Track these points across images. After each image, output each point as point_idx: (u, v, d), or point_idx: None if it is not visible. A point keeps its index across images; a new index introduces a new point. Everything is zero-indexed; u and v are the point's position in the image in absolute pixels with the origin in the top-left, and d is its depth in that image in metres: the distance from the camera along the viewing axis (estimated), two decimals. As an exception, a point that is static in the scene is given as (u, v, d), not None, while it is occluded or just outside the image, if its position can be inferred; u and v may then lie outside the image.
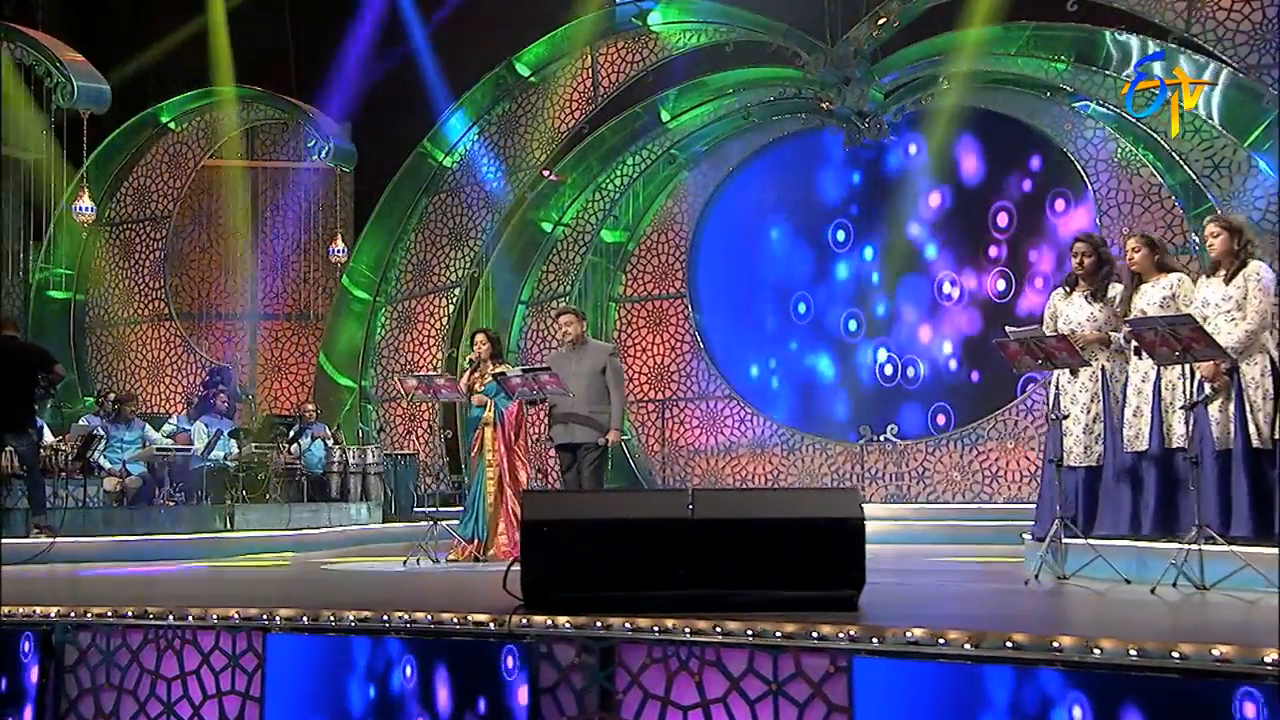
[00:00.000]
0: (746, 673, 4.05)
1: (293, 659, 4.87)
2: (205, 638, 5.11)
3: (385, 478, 14.47)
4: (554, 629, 4.42)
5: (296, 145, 17.39)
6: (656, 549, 4.59)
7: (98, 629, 5.31)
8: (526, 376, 8.55)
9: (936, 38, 14.20)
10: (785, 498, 4.90)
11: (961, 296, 14.96)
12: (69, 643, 5.34)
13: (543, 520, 4.61)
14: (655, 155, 16.18)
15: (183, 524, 11.77)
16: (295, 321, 17.90)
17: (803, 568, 4.51)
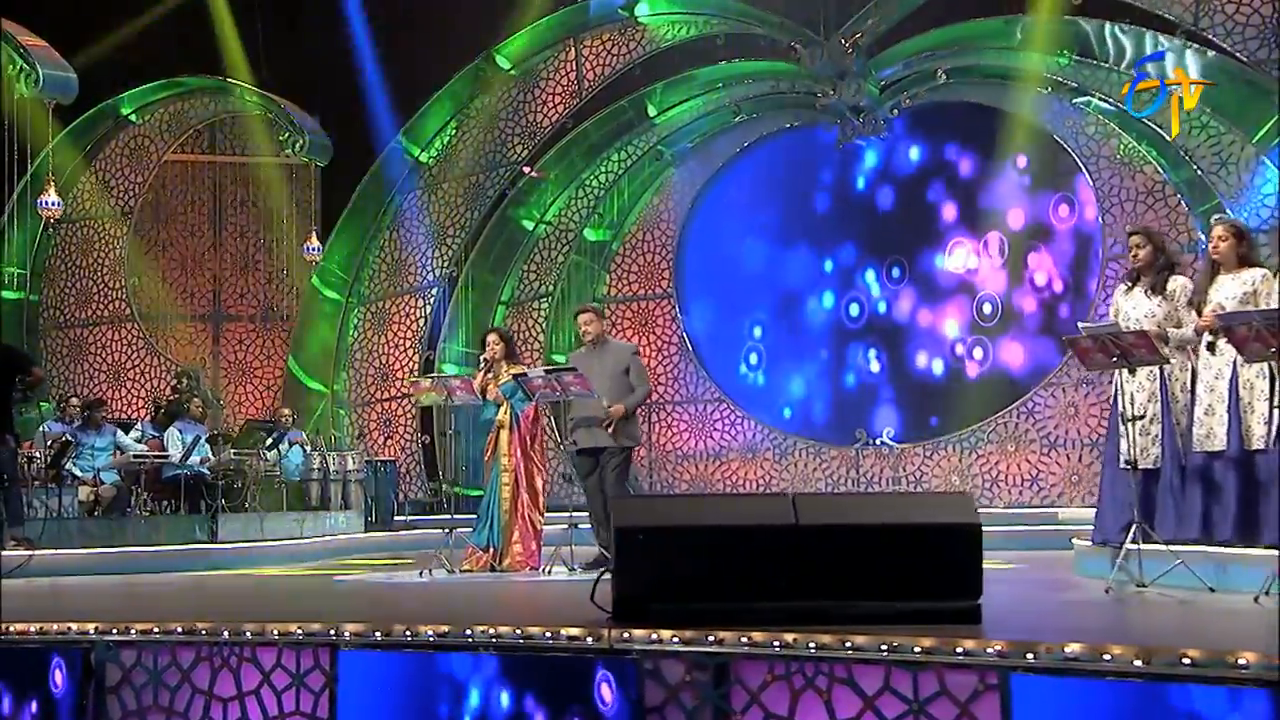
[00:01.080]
0: (883, 691, 3.87)
1: (365, 677, 4.64)
2: (266, 655, 4.87)
3: (366, 485, 14.17)
4: (661, 644, 4.22)
5: (261, 139, 17.05)
6: (759, 558, 4.41)
7: (143, 646, 5.05)
8: (549, 378, 8.34)
9: (934, 31, 14.16)
10: (893, 502, 4.74)
11: (958, 295, 14.90)
12: (110, 661, 5.08)
13: (638, 527, 4.42)
14: (641, 151, 16.03)
15: (163, 535, 11.43)
16: (260, 323, 17.56)
17: (917, 577, 4.35)
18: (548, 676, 4.29)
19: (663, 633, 4.24)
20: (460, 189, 16.49)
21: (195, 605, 6.96)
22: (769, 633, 4.09)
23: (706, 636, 4.15)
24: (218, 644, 4.95)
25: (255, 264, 17.57)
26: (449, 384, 8.79)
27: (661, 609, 4.33)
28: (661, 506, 4.84)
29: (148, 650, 5.05)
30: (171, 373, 15.59)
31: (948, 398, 14.86)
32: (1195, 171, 13.22)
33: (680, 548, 4.44)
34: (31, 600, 7.07)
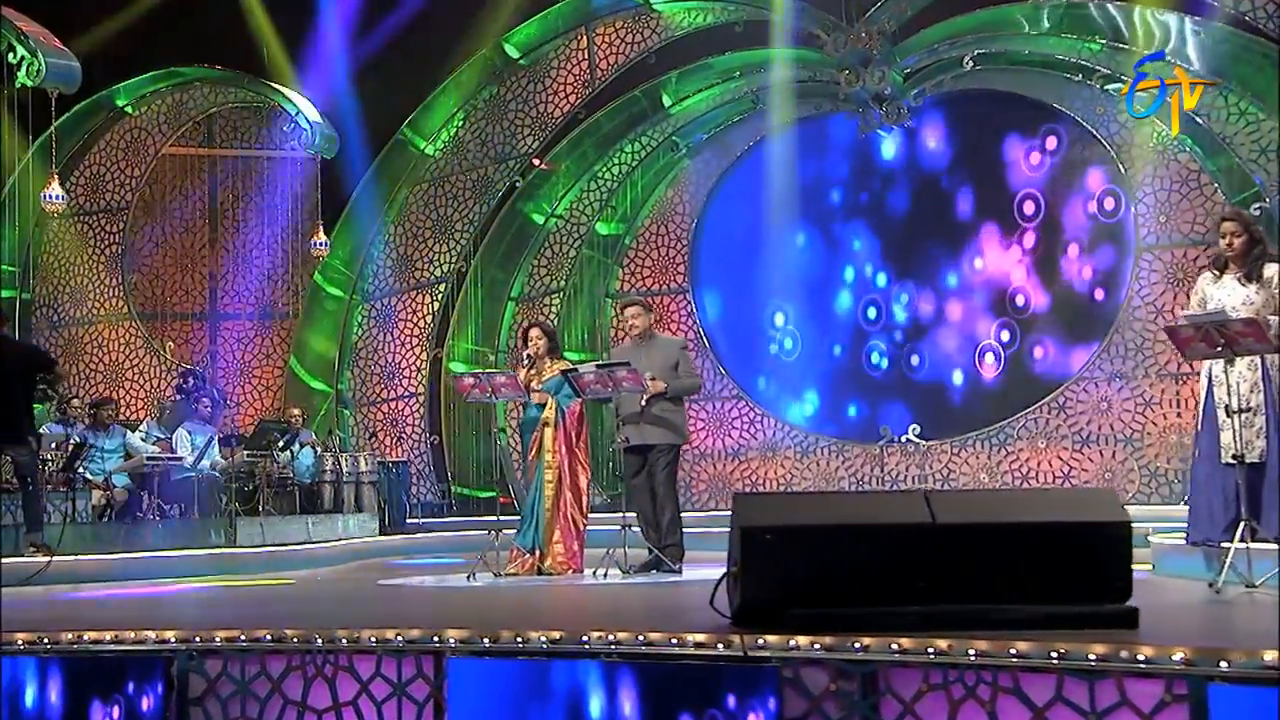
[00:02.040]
0: (1054, 701, 3.70)
1: (473, 686, 4.49)
2: (363, 663, 4.71)
3: (379, 487, 14.00)
4: (800, 651, 4.07)
5: (260, 132, 16.85)
6: (895, 559, 4.26)
7: (229, 655, 4.88)
8: (601, 373, 8.20)
9: (960, 17, 14.07)
10: (1033, 499, 4.58)
11: (985, 289, 14.81)
12: (193, 671, 4.91)
13: (765, 527, 4.27)
14: (655, 142, 15.89)
15: (180, 540, 11.23)
16: (259, 321, 17.31)
17: (1064, 579, 4.21)
18: (678, 685, 4.14)
19: (800, 639, 4.09)
20: (468, 182, 16.33)
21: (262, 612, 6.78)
22: (918, 638, 3.94)
23: (852, 643, 3.99)
24: (311, 652, 4.79)
25: (253, 261, 17.35)
26: (493, 381, 8.61)
27: (799, 614, 4.18)
28: (787, 504, 4.67)
29: (234, 659, 4.88)
30: (176, 372, 15.36)
31: (975, 393, 14.77)
32: (1234, 160, 13.17)
33: (812, 548, 4.28)
34: (102, 609, 6.90)
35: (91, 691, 4.96)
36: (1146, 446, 13.76)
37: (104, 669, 4.98)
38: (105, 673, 4.97)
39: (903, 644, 3.93)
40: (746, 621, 4.38)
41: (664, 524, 8.43)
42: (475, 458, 16.24)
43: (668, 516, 8.43)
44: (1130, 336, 13.85)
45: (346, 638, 4.76)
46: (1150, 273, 13.81)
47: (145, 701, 4.89)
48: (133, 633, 5.08)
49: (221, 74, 16.16)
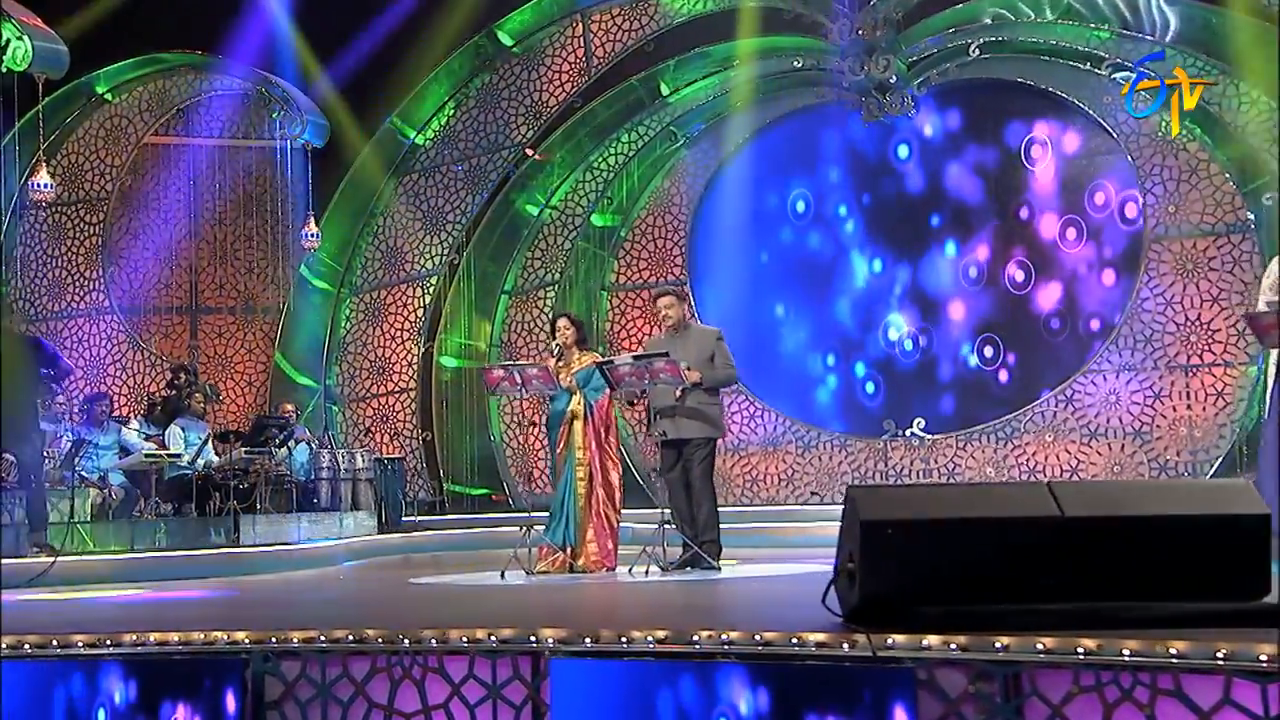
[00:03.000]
0: (1222, 704, 3.58)
1: (574, 688, 4.35)
2: (454, 665, 4.57)
3: (376, 484, 13.81)
4: (935, 651, 3.94)
5: (243, 120, 16.58)
6: (1023, 554, 4.14)
7: (309, 657, 4.72)
8: (638, 365, 8.06)
9: (966, 4, 14.04)
10: (1163, 492, 4.45)
11: (990, 279, 14.78)
12: (270, 674, 4.75)
13: (886, 521, 4.15)
14: (653, 132, 15.75)
15: (182, 539, 11.02)
16: (240, 315, 17.05)
17: (1197, 575, 4.11)
18: (803, 687, 4.01)
19: (931, 638, 3.97)
20: (460, 172, 16.14)
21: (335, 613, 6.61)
22: (1064, 637, 3.82)
23: (992, 643, 3.87)
24: (398, 653, 4.63)
25: (234, 253, 17.09)
26: (525, 373, 8.45)
27: (930, 612, 4.06)
28: (907, 497, 4.54)
29: (313, 661, 4.72)
30: (166, 367, 15.09)
31: (981, 386, 14.74)
32: (1246, 148, 13.20)
33: (935, 544, 4.16)
34: (158, 610, 6.71)
35: (161, 696, 4.79)
36: (1156, 439, 13.77)
37: (175, 672, 4.81)
38: (176, 676, 4.81)
39: (1047, 643, 3.80)
40: (864, 620, 4.25)
41: (701, 520, 8.30)
42: (469, 455, 16.06)
43: (705, 512, 8.31)
44: (1139, 328, 13.86)
45: (435, 638, 4.61)
46: (1159, 264, 13.81)
47: (219, 706, 4.72)
48: (201, 634, 4.91)
49: (206, 60, 15.88)
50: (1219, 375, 13.58)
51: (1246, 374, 13.46)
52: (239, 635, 4.87)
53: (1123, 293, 14.10)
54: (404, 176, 16.38)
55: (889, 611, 4.20)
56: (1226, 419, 13.50)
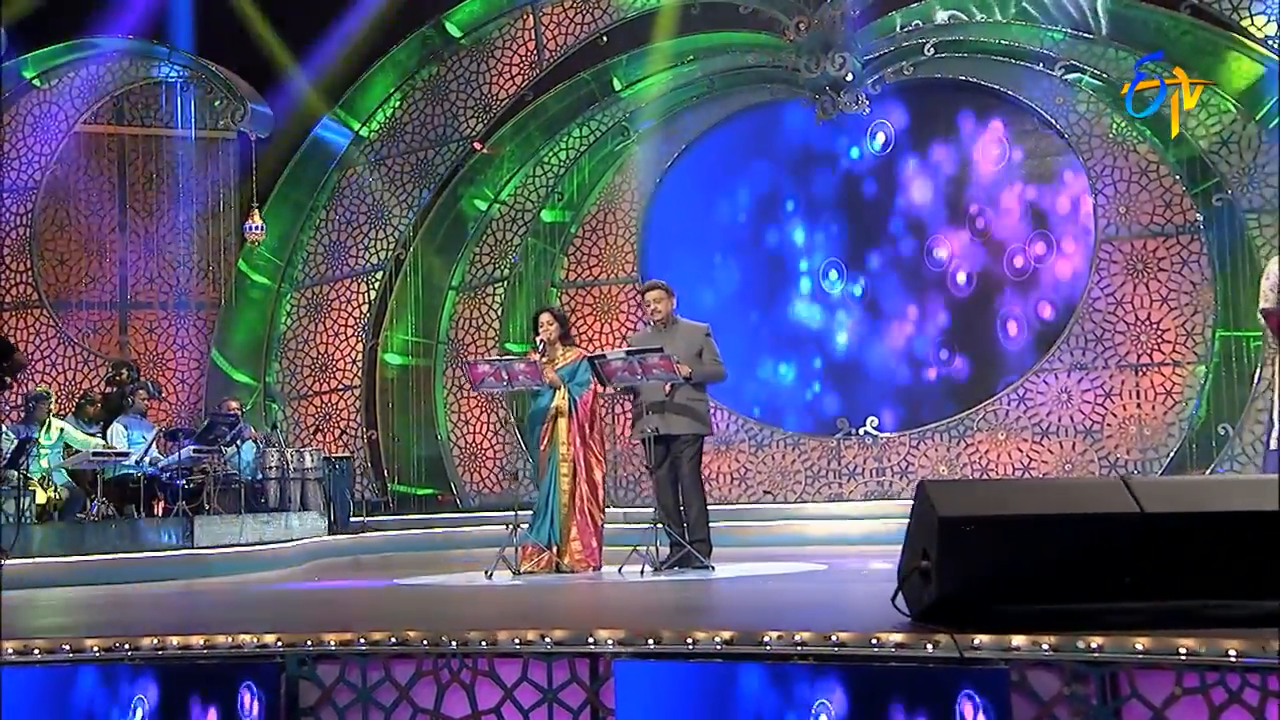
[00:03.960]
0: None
1: (641, 691, 4.20)
2: (506, 667, 4.40)
3: (325, 484, 13.50)
4: (1025, 651, 3.84)
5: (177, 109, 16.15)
6: (1100, 551, 4.07)
7: (348, 660, 4.53)
8: (631, 360, 7.93)
9: (921, 4, 14.07)
10: (1244, 487, 4.39)
11: (941, 279, 14.82)
12: (304, 678, 4.54)
13: (965, 517, 4.05)
14: (605, 127, 15.60)
15: (132, 541, 10.67)
16: (171, 311, 16.59)
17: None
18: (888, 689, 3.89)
19: (1017, 638, 3.87)
20: (406, 166, 15.88)
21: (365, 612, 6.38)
22: (1161, 637, 3.74)
23: (1087, 643, 3.78)
24: (445, 656, 4.45)
25: (166, 246, 16.63)
26: (512, 368, 8.27)
27: (1014, 611, 3.96)
28: (983, 493, 4.43)
29: (352, 664, 4.52)
30: (102, 363, 14.63)
31: (933, 385, 14.77)
32: (1193, 150, 13.39)
33: (1014, 540, 4.08)
34: (171, 611, 6.43)
35: (187, 702, 4.57)
36: (1106, 438, 13.91)
37: (201, 677, 4.59)
38: (204, 681, 4.59)
39: (1144, 643, 3.71)
40: (938, 619, 4.16)
41: (691, 518, 8.21)
42: (415, 454, 15.79)
43: (695, 510, 8.22)
44: (1090, 327, 14.00)
45: (484, 640, 4.44)
46: (1110, 264, 13.96)
47: (250, 712, 4.51)
48: (227, 637, 4.69)
49: (142, 46, 15.43)
50: (1168, 374, 13.76)
51: (1194, 373, 13.65)
52: (268, 638, 4.66)
53: (1074, 292, 14.23)
54: (348, 169, 16.05)
55: (967, 611, 4.10)
56: (1175, 417, 13.68)
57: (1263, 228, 13.19)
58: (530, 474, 8.58)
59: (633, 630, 4.36)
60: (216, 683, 4.54)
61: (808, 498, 14.67)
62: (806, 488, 14.78)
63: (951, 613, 4.13)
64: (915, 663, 3.94)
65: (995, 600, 4.09)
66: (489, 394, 13.70)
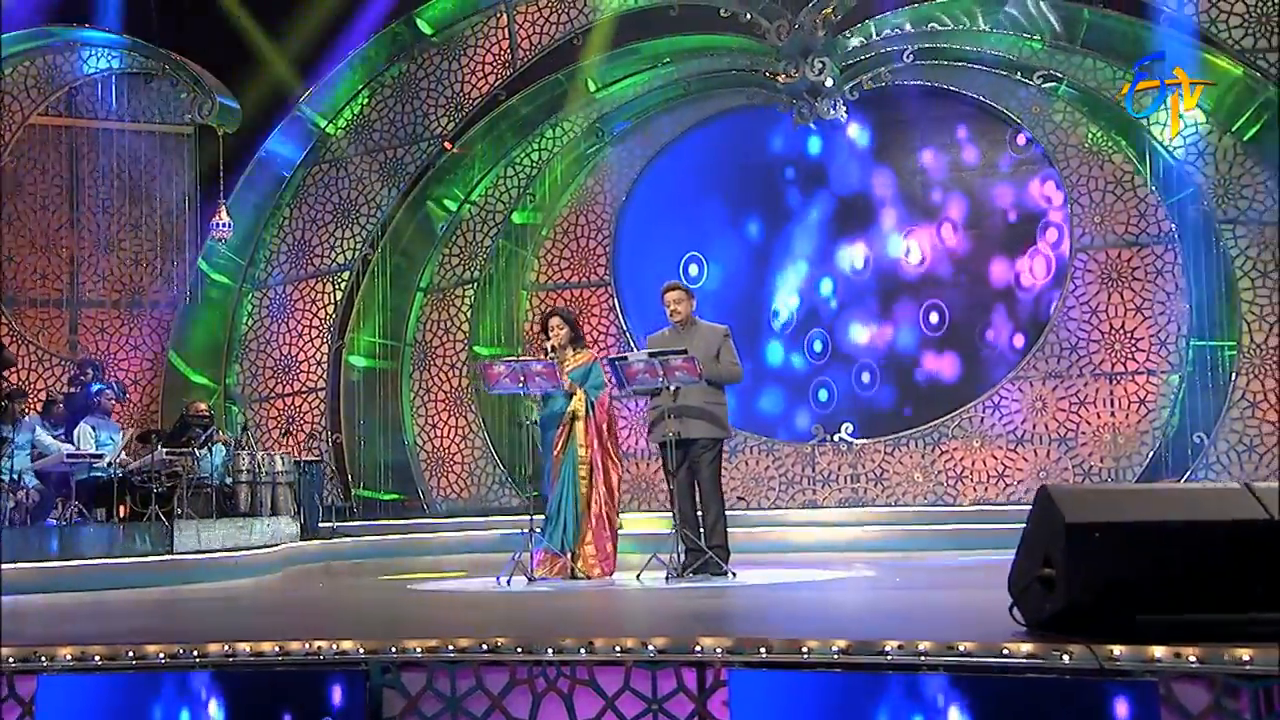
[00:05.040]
0: None
1: (756, 702, 4.04)
2: (607, 676, 4.22)
3: (296, 488, 13.17)
4: (1168, 663, 3.72)
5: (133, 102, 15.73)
6: (1230, 559, 3.97)
7: (435, 668, 4.32)
8: (652, 362, 7.76)
9: (903, 10, 14.07)
10: None
11: (916, 286, 14.82)
12: (389, 686, 4.33)
13: (1093, 523, 3.94)
14: (579, 128, 15.41)
15: (107, 546, 10.29)
16: (125, 310, 16.13)
17: None
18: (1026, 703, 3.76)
19: (1157, 649, 3.75)
20: (374, 164, 15.58)
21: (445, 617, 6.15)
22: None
23: (1240, 656, 3.66)
24: (541, 664, 4.26)
25: (119, 243, 16.18)
26: (528, 370, 8.06)
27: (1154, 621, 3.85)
28: (1109, 499, 4.31)
29: (441, 672, 4.32)
30: (57, 362, 14.17)
31: (908, 392, 14.76)
32: (1169, 161, 13.50)
33: (1143, 547, 3.97)
34: (233, 616, 6.16)
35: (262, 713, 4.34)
36: (1080, 445, 13.99)
37: (279, 685, 4.36)
38: (279, 689, 4.35)
39: (1300, 654, 3.63)
40: (1063, 628, 4.04)
41: (709, 523, 8.05)
42: (381, 459, 15.48)
43: (713, 515, 8.06)
44: (1065, 336, 14.07)
45: (582, 647, 4.26)
46: (1085, 273, 14.05)
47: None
48: (302, 644, 4.46)
49: (102, 37, 14.99)
50: (1141, 383, 13.87)
51: (1168, 382, 13.77)
52: (346, 644, 4.44)
53: (1049, 301, 14.30)
54: (313, 167, 15.72)
55: (1097, 620, 3.98)
56: (1149, 425, 13.79)
57: (1237, 239, 13.34)
58: (544, 478, 8.34)
59: (739, 638, 4.20)
60: (293, 691, 4.32)
61: (781, 504, 14.59)
62: (780, 494, 14.69)
63: (1078, 622, 4.01)
64: (1052, 673, 3.82)
65: (1129, 609, 3.97)
66: (502, 394, 13.45)
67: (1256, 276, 13.25)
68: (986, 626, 4.40)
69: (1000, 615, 4.45)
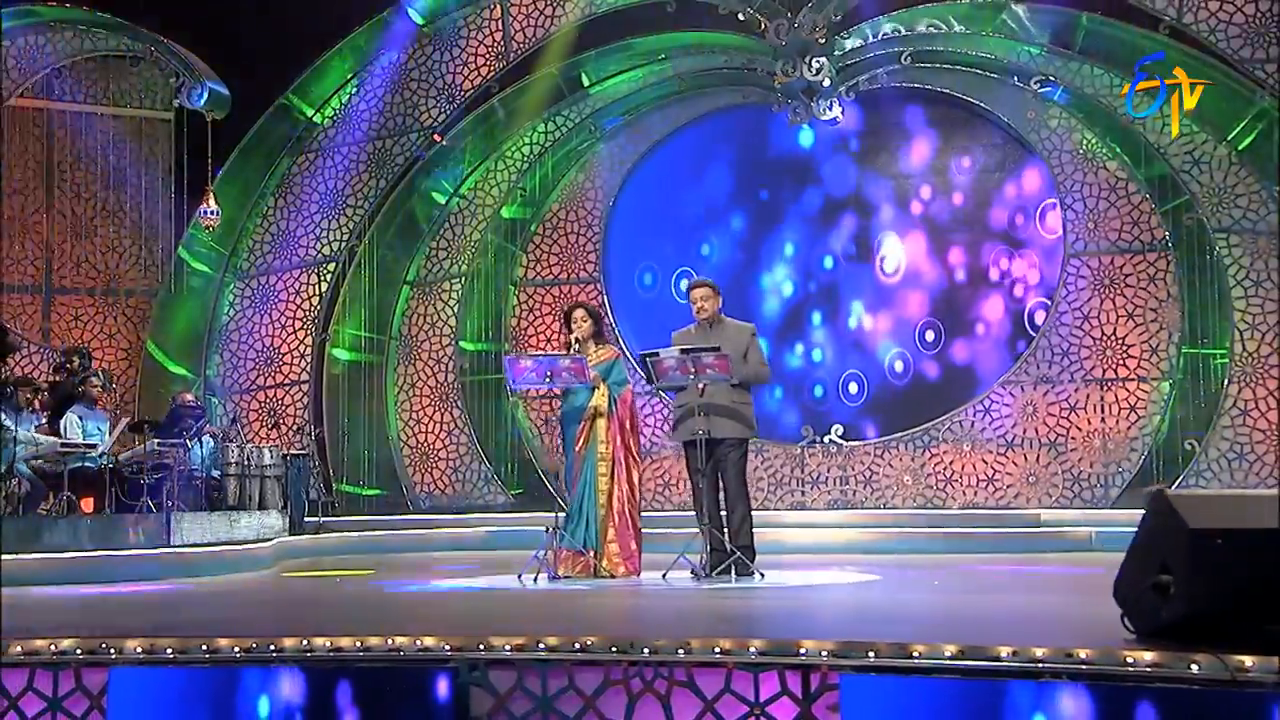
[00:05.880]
0: None
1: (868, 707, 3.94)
2: (707, 678, 4.10)
3: (284, 482, 12.94)
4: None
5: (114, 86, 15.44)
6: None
7: (525, 667, 4.19)
8: (685, 359, 7.64)
9: (903, 11, 14.04)
10: None
11: (911, 289, 14.78)
12: (475, 685, 4.19)
13: (1217, 530, 3.86)
14: (571, 123, 15.27)
15: (103, 538, 10.04)
16: (100, 297, 15.82)
17: None
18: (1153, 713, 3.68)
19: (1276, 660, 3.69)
20: (362, 154, 15.36)
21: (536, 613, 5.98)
22: None
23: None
24: (637, 664, 4.14)
25: (96, 230, 15.86)
26: (556, 365, 7.91)
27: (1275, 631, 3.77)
28: (1224, 504, 4.22)
29: (531, 671, 4.19)
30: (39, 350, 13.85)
31: (899, 395, 14.73)
32: (1164, 169, 13.55)
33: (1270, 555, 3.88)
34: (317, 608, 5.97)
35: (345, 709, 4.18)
36: (1070, 451, 14.01)
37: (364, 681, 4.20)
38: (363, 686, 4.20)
39: None
40: (1180, 638, 3.95)
41: (735, 524, 7.95)
42: (364, 454, 15.26)
43: (739, 516, 7.96)
44: (1056, 341, 14.08)
45: (680, 647, 4.14)
46: (1077, 279, 14.07)
47: None
48: (383, 639, 4.32)
49: (90, 17, 14.66)
50: (1132, 390, 13.91)
51: (1159, 389, 13.83)
52: (428, 640, 4.30)
53: (1041, 306, 14.31)
54: (298, 156, 15.47)
55: (1215, 629, 3.89)
56: (1139, 432, 13.83)
57: (1231, 248, 13.40)
58: (564, 476, 8.20)
59: (843, 642, 4.09)
60: (379, 688, 4.17)
61: (770, 505, 14.51)
62: (769, 495, 14.61)
63: (1199, 631, 3.93)
64: (1179, 683, 3.73)
65: (1255, 619, 3.88)
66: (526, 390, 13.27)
67: (1250, 285, 13.32)
68: (1084, 632, 4.32)
69: (1073, 620, 4.37)
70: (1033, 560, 10.48)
